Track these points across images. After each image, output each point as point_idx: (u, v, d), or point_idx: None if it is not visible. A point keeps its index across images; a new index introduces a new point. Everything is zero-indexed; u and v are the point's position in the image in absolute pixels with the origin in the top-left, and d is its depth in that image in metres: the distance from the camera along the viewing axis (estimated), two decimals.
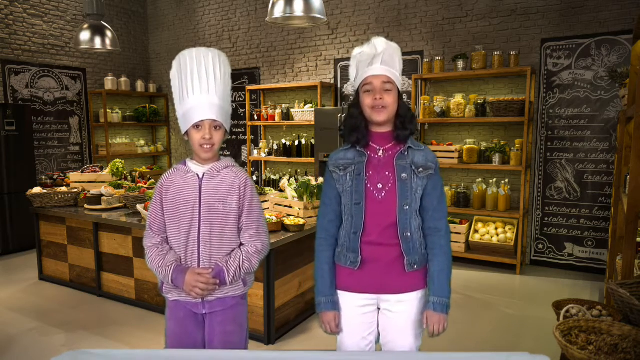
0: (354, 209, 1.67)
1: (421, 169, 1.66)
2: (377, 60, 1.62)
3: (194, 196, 1.73)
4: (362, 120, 1.68)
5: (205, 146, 1.70)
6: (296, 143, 6.04)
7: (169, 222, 1.77)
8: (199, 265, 1.73)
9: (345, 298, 1.74)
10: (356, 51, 1.70)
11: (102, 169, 4.88)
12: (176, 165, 1.83)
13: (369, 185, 1.66)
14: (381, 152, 1.69)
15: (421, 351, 1.73)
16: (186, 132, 1.73)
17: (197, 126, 1.69)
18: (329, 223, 1.76)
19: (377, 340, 1.80)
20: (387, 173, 1.66)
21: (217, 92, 1.69)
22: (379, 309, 1.76)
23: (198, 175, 1.75)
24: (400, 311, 1.70)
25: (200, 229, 1.72)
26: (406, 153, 1.67)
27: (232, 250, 1.77)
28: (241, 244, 1.79)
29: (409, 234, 1.65)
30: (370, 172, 1.67)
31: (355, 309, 1.73)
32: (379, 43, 1.64)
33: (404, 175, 1.65)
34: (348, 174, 1.68)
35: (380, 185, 1.66)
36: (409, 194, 1.65)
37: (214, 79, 1.69)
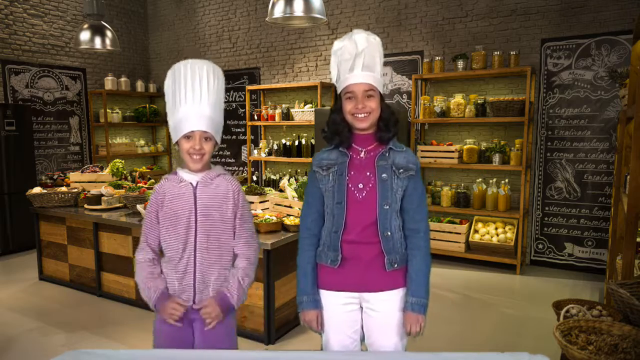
0: (335, 209, 1.69)
1: (402, 170, 1.67)
2: (358, 64, 1.62)
3: (189, 205, 1.73)
4: (345, 125, 1.70)
5: (195, 156, 1.70)
6: (296, 143, 6.04)
7: (164, 231, 1.76)
8: (194, 273, 1.73)
9: (327, 297, 1.76)
10: (336, 46, 1.69)
11: (102, 169, 4.87)
12: (167, 175, 1.83)
13: (350, 185, 1.68)
14: (363, 153, 1.71)
15: (420, 351, 1.73)
16: (177, 142, 1.74)
17: (187, 137, 1.69)
18: (311, 222, 1.77)
19: (363, 340, 1.81)
20: (368, 173, 1.68)
21: (209, 103, 1.69)
22: (362, 308, 1.77)
23: (192, 184, 1.75)
24: (382, 310, 1.71)
25: (197, 237, 1.73)
26: (387, 154, 1.69)
27: (228, 257, 1.78)
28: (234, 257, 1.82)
29: (389, 233, 1.67)
30: (352, 173, 1.69)
31: (338, 307, 1.75)
32: (360, 40, 1.62)
33: (384, 175, 1.66)
34: (330, 174, 1.70)
35: (361, 185, 1.67)
36: (389, 194, 1.66)
37: (207, 90, 1.69)
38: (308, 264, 1.76)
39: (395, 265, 1.69)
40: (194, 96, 1.68)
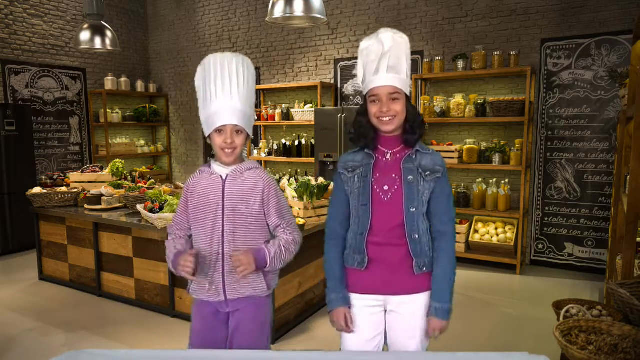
0: (360, 210, 1.68)
1: (428, 172, 1.65)
2: (383, 66, 1.59)
3: (217, 197, 1.76)
4: (370, 128, 1.68)
5: (227, 150, 1.73)
6: (296, 143, 6.04)
7: (193, 222, 1.81)
8: (223, 264, 1.76)
9: (353, 300, 1.74)
10: (363, 45, 1.66)
11: (102, 169, 4.88)
12: (201, 167, 1.86)
13: (375, 187, 1.66)
14: (389, 155, 1.69)
15: (419, 351, 1.73)
16: (209, 136, 1.76)
17: (219, 130, 1.71)
18: (337, 224, 1.77)
19: (385, 343, 1.79)
20: (393, 175, 1.66)
21: (239, 96, 1.70)
22: (386, 311, 1.75)
23: (221, 177, 1.78)
24: (408, 312, 1.69)
25: (224, 229, 1.75)
26: (414, 156, 1.67)
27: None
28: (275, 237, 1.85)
29: (416, 236, 1.65)
30: (377, 175, 1.67)
31: (363, 310, 1.73)
32: (386, 39, 1.60)
33: (410, 177, 1.65)
34: (356, 176, 1.69)
35: (386, 187, 1.66)
36: (415, 196, 1.64)
37: (237, 84, 1.70)
38: (335, 264, 1.75)
39: (424, 269, 1.67)
40: (224, 90, 1.69)
